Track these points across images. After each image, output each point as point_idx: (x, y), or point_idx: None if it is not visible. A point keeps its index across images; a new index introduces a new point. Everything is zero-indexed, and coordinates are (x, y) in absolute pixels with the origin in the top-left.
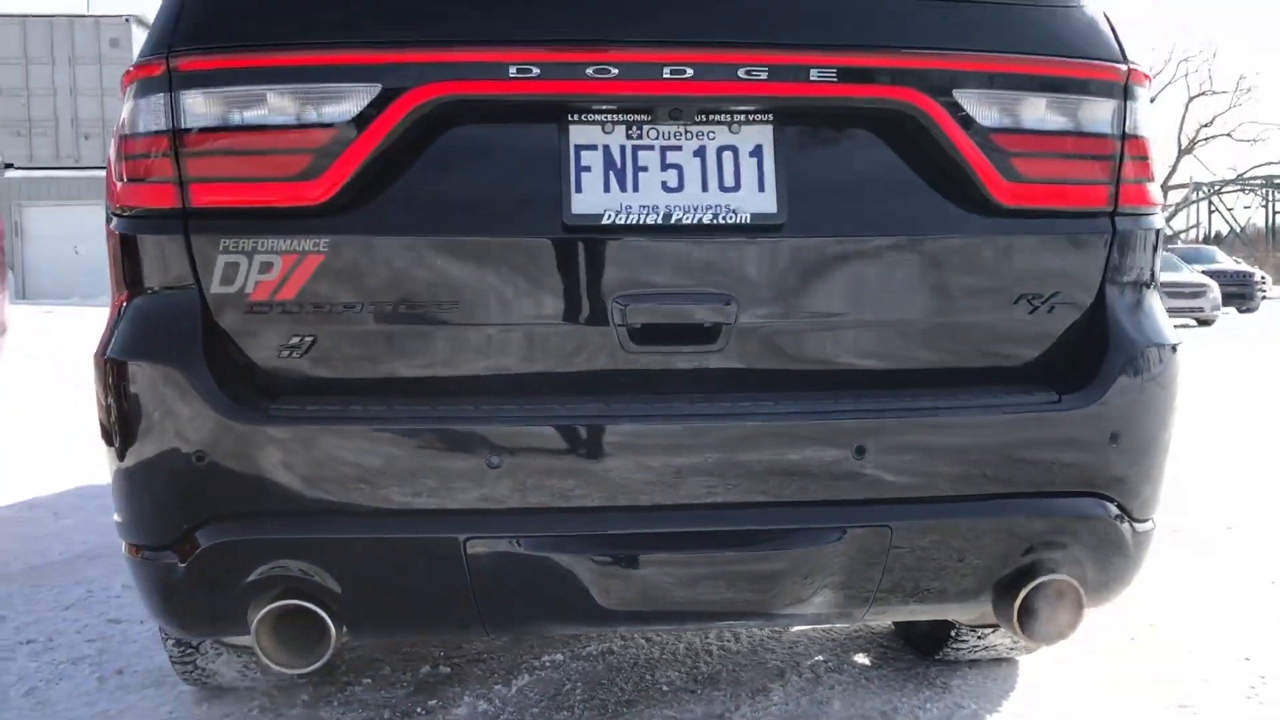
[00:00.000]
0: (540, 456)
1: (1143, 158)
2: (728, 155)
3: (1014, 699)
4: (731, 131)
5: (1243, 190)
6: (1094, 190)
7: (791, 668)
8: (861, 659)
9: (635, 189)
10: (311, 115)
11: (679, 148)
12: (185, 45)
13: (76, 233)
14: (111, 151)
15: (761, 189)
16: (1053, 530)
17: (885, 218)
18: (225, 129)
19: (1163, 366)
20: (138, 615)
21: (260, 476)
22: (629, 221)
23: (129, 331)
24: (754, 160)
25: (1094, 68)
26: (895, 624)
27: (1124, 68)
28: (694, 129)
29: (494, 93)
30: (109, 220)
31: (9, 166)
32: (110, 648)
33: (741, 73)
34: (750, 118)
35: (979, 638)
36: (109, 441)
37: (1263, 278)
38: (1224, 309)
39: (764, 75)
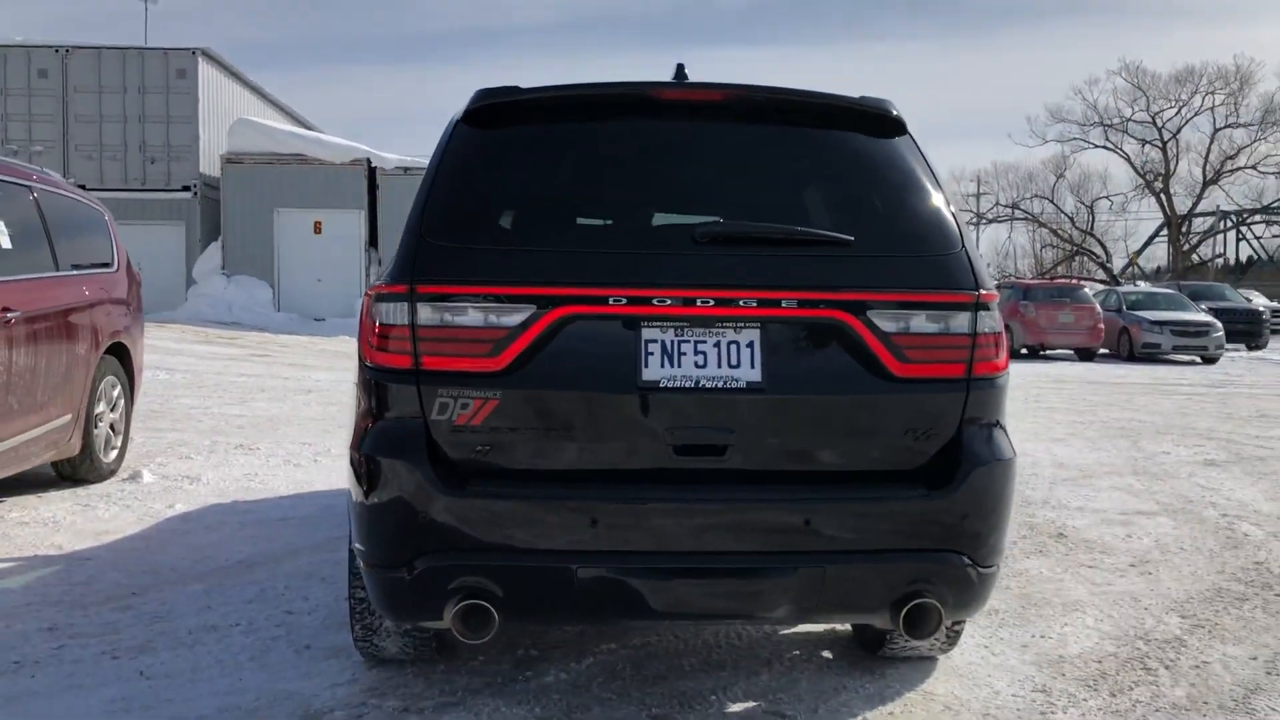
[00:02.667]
0: (622, 519)
1: (988, 345)
2: (733, 347)
3: (930, 681)
4: (735, 332)
5: (1268, 222)
6: (955, 366)
7: (776, 658)
8: (825, 654)
9: (679, 365)
10: (495, 320)
11: (705, 341)
12: (422, 276)
13: (142, 250)
14: (362, 326)
15: (753, 367)
16: (927, 572)
17: (827, 384)
18: (444, 326)
19: (1000, 472)
20: (304, 609)
21: (458, 527)
22: (675, 385)
23: (380, 439)
24: (749, 350)
25: (957, 294)
26: (852, 628)
27: (976, 293)
28: (713, 331)
29: (599, 311)
30: (361, 371)
31: (82, 188)
32: (293, 631)
33: (740, 302)
34: (746, 325)
35: (908, 640)
36: (360, 501)
37: (1276, 312)
38: (1232, 346)
39: (754, 304)
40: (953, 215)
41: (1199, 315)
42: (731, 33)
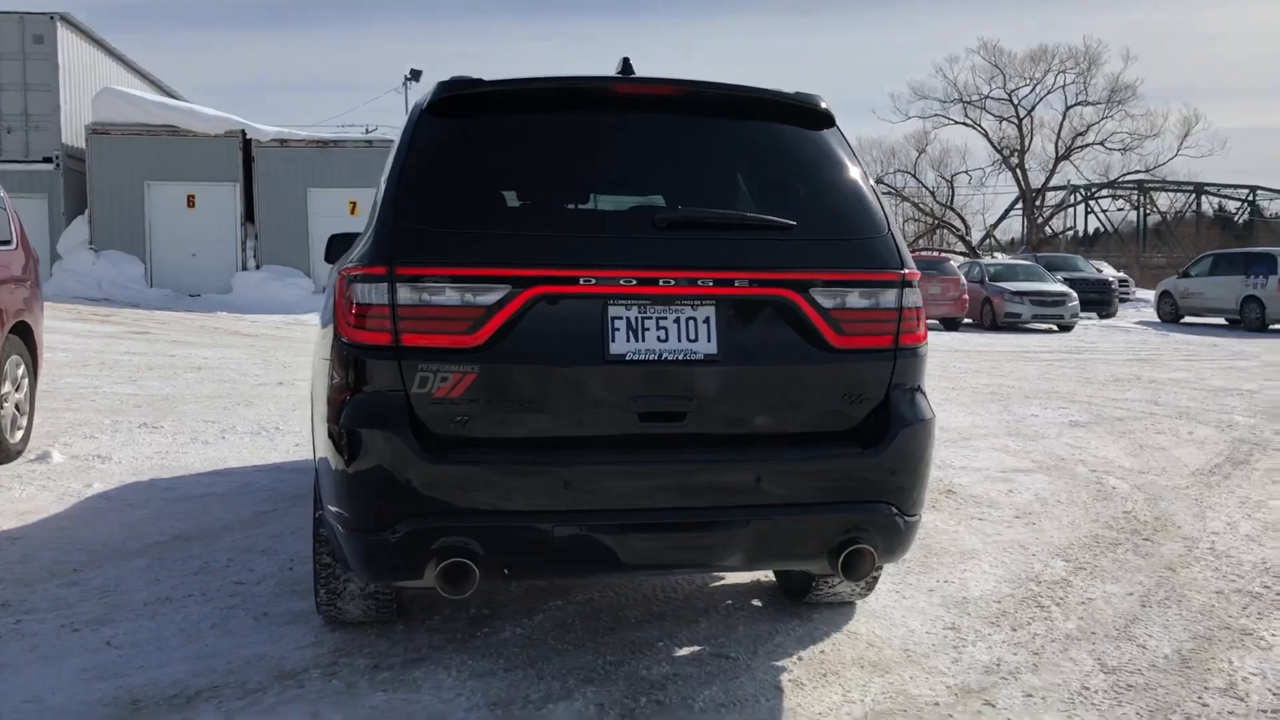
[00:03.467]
0: (592, 481)
1: (912, 318)
2: (691, 322)
3: (852, 623)
4: (693, 309)
5: (1114, 196)
6: (884, 338)
7: (713, 608)
8: (756, 602)
9: (642, 340)
10: (471, 300)
11: (666, 317)
12: (401, 258)
13: None
14: (338, 305)
15: (709, 341)
16: (860, 521)
17: (774, 355)
18: (423, 305)
19: (923, 431)
20: (251, 579)
21: (440, 492)
22: (640, 358)
23: (362, 411)
24: (706, 325)
25: (885, 273)
26: (776, 577)
27: (901, 272)
28: (673, 308)
29: (569, 291)
30: (337, 347)
31: None
32: (247, 600)
33: (698, 282)
34: (703, 303)
35: (830, 587)
36: (341, 470)
37: (1123, 281)
38: (1085, 314)
39: (710, 284)
40: (878, 201)
41: (1056, 286)
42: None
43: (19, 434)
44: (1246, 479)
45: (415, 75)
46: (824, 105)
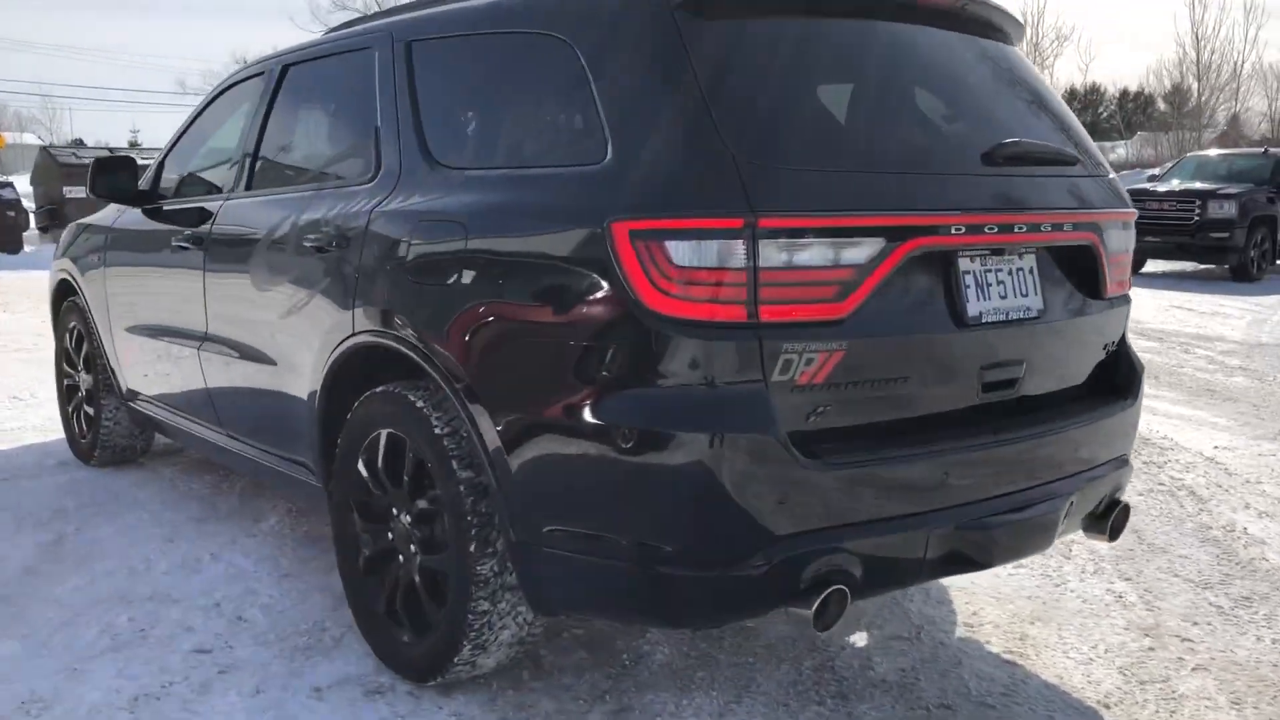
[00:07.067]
0: (964, 468)
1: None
2: (1019, 273)
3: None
4: (1020, 259)
5: None
6: (1127, 283)
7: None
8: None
9: (988, 298)
10: (842, 258)
11: (1001, 269)
12: (769, 206)
13: None
14: (639, 272)
15: (1037, 294)
16: (1123, 475)
17: (1074, 306)
18: (791, 268)
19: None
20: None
21: (816, 504)
22: (993, 319)
23: (706, 411)
24: (1031, 276)
25: (1131, 211)
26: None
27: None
28: (1006, 259)
29: (940, 243)
30: (634, 323)
31: None
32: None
33: (1042, 227)
34: (1027, 251)
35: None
36: (665, 488)
37: None
38: None
39: (1046, 229)
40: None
41: None
42: None
43: None
44: None
45: None
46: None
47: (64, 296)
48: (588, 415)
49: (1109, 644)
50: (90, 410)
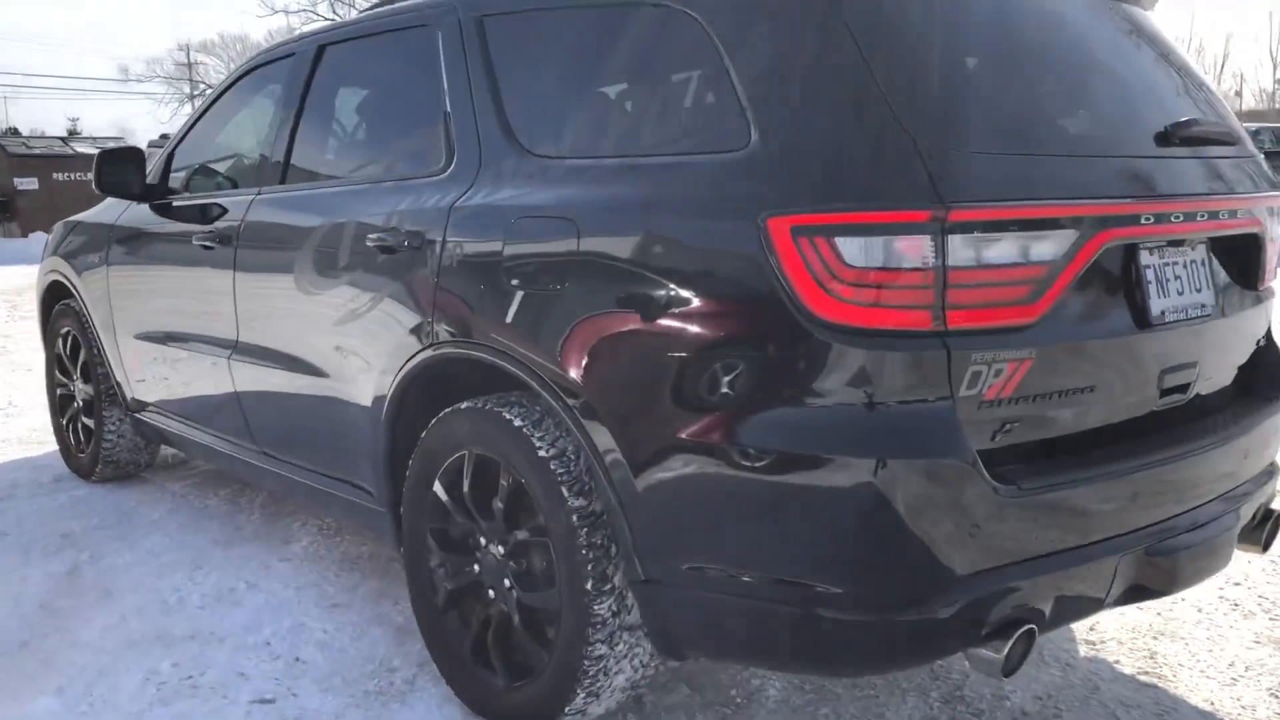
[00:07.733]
0: (1153, 485)
1: None
2: (1192, 266)
3: None
4: (1192, 251)
5: None
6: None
7: None
8: None
9: (1167, 295)
10: (1035, 255)
11: (1176, 263)
12: (960, 197)
13: None
14: (801, 272)
15: (1210, 289)
16: (1275, 485)
17: (1236, 300)
18: (982, 267)
19: None
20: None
21: (1010, 536)
22: (1173, 319)
23: (885, 432)
24: (1202, 269)
25: None
26: None
27: None
28: (1180, 251)
29: (1131, 235)
30: (796, 331)
31: None
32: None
33: (1222, 214)
34: (1199, 242)
35: None
36: (857, 520)
37: None
38: None
39: (1225, 216)
40: None
41: None
42: None
43: None
44: None
45: None
46: None
47: (55, 299)
48: (741, 438)
49: (1246, 661)
50: (89, 422)
